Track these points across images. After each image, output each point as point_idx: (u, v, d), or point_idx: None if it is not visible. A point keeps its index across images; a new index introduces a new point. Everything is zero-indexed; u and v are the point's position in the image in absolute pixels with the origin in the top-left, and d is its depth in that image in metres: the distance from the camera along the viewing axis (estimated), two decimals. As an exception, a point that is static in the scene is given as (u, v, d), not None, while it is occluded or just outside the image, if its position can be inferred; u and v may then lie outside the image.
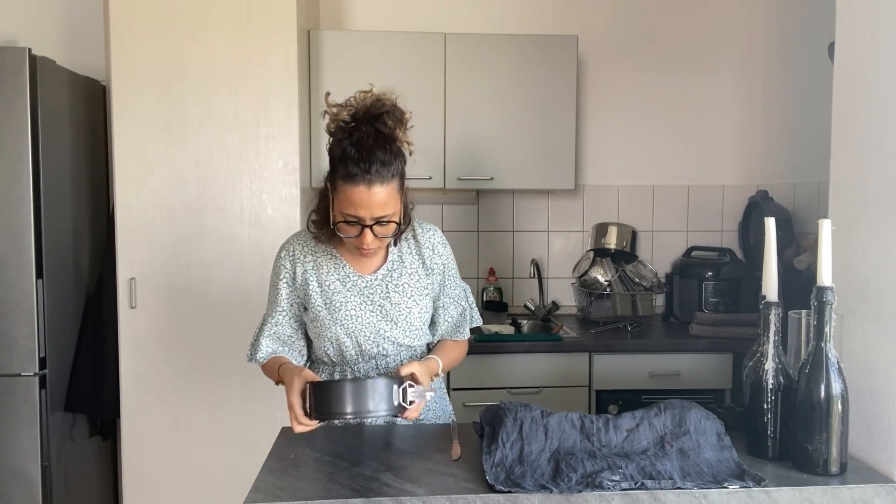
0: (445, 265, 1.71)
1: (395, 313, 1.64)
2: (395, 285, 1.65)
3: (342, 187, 1.47)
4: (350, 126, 1.49)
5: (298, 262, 1.64)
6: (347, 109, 1.50)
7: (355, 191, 1.46)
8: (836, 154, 1.54)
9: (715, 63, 3.37)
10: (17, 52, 2.41)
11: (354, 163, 1.45)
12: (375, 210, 1.48)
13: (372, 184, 1.46)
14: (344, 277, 1.64)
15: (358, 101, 1.51)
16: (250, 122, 2.64)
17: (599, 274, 3.09)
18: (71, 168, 2.73)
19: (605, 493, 1.24)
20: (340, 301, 1.62)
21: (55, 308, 2.59)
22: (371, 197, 1.46)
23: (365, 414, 1.37)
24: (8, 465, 2.47)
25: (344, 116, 1.49)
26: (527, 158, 3.00)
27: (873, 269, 1.41)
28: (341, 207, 1.50)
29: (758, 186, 3.30)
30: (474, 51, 2.94)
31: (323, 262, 1.65)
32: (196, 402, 2.68)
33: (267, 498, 1.24)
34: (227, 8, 2.59)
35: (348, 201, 1.48)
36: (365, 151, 1.45)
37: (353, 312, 1.62)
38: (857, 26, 1.49)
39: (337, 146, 1.49)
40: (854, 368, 1.43)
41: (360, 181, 1.45)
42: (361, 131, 1.47)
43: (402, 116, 1.54)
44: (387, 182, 1.48)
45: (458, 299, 1.74)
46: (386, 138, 1.49)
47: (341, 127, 1.50)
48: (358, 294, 1.63)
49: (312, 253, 1.65)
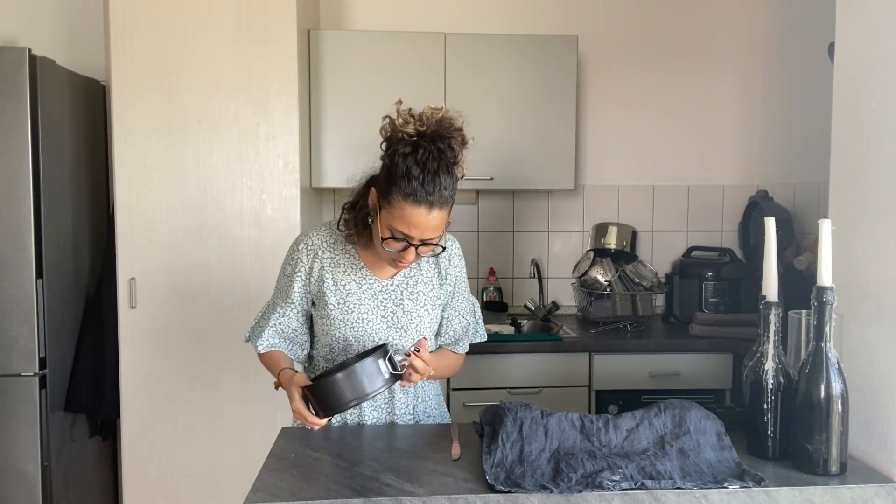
0: (458, 277, 1.71)
1: (405, 321, 1.63)
2: (411, 293, 1.64)
3: (401, 204, 1.43)
4: (413, 140, 1.44)
5: (316, 259, 1.63)
6: (416, 123, 1.45)
7: (416, 212, 1.43)
8: (836, 154, 1.54)
9: (715, 63, 3.37)
10: (17, 52, 2.41)
11: (420, 184, 1.41)
12: (428, 232, 1.47)
13: (432, 207, 1.43)
14: (360, 279, 1.63)
15: (427, 116, 1.46)
16: (250, 122, 2.64)
17: (599, 274, 3.08)
18: (71, 168, 2.73)
19: (605, 493, 1.24)
20: (354, 303, 1.61)
21: (55, 308, 2.59)
22: (429, 220, 1.45)
23: (365, 397, 1.40)
24: (8, 465, 2.47)
25: (409, 130, 1.44)
26: (527, 158, 3.00)
27: (873, 269, 1.41)
28: (393, 223, 1.46)
29: (758, 186, 3.30)
30: (474, 51, 2.94)
31: (341, 261, 1.63)
32: (196, 402, 2.68)
33: (267, 498, 1.24)
34: (227, 8, 2.59)
35: (404, 220, 1.45)
36: (430, 174, 1.42)
37: (365, 316, 1.61)
38: (857, 26, 1.49)
39: (401, 160, 1.43)
40: (854, 368, 1.43)
41: (422, 203, 1.42)
42: (427, 150, 1.43)
43: (466, 141, 1.49)
44: (444, 207, 1.46)
45: (464, 313, 1.73)
46: (449, 162, 1.45)
47: (403, 139, 1.44)
48: (372, 298, 1.62)
49: (331, 250, 1.64)
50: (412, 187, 1.41)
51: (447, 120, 1.47)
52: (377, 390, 1.40)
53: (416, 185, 1.41)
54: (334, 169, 2.93)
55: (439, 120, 1.46)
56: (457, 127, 1.48)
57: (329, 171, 2.93)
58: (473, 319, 1.77)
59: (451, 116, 1.48)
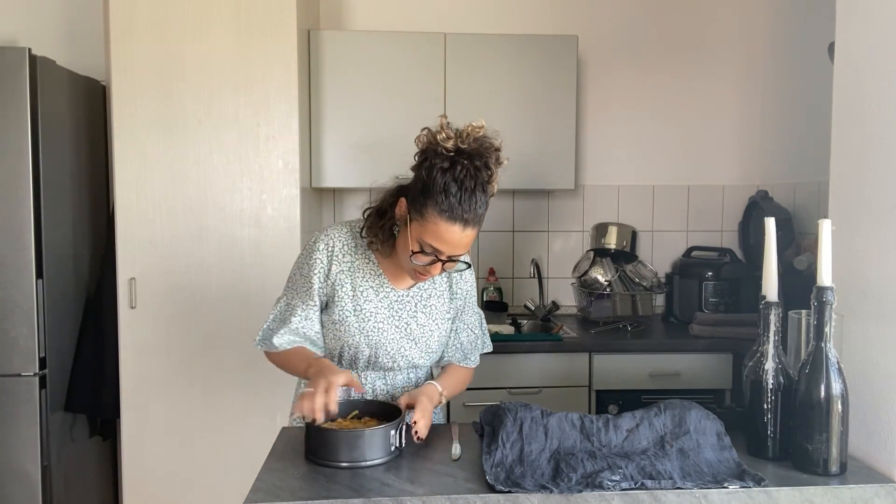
0: (469, 291, 1.70)
1: (418, 333, 1.63)
2: (424, 305, 1.64)
3: (435, 219, 1.42)
4: (451, 156, 1.42)
5: (335, 261, 1.60)
6: (456, 140, 1.43)
7: (450, 228, 1.42)
8: (836, 154, 1.54)
9: (715, 63, 3.37)
10: (17, 52, 2.41)
11: (458, 201, 1.40)
12: (459, 249, 1.46)
13: (467, 225, 1.43)
14: (378, 287, 1.61)
15: (468, 133, 1.44)
16: (250, 122, 2.63)
17: (599, 274, 3.08)
18: (71, 168, 2.73)
19: (605, 493, 1.24)
20: (371, 311, 1.59)
21: (55, 308, 2.59)
22: (462, 237, 1.44)
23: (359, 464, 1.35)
24: (8, 465, 2.47)
25: (448, 145, 1.42)
26: (527, 158, 2.99)
27: (873, 269, 1.41)
28: (425, 237, 1.45)
29: (758, 186, 3.29)
30: (474, 51, 2.94)
31: (360, 267, 1.61)
32: (196, 402, 2.68)
33: (267, 498, 1.23)
34: (227, 8, 2.59)
35: (437, 235, 1.43)
36: (468, 193, 1.41)
37: (381, 325, 1.60)
38: (857, 26, 1.49)
39: (439, 175, 1.41)
40: (854, 368, 1.43)
41: (457, 220, 1.42)
42: (464, 167, 1.41)
43: (501, 161, 1.48)
44: (477, 225, 1.46)
45: (472, 326, 1.73)
46: (484, 180, 1.44)
47: (441, 153, 1.42)
48: (388, 307, 1.61)
49: (351, 254, 1.61)
50: (449, 203, 1.40)
51: (487, 139, 1.45)
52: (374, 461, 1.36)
53: (453, 201, 1.40)
54: (334, 169, 2.93)
55: (479, 138, 1.44)
56: (495, 146, 1.46)
57: (329, 171, 2.93)
58: (480, 332, 1.77)
59: (490, 135, 1.47)
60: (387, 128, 2.93)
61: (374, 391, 1.67)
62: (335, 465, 1.35)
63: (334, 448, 1.36)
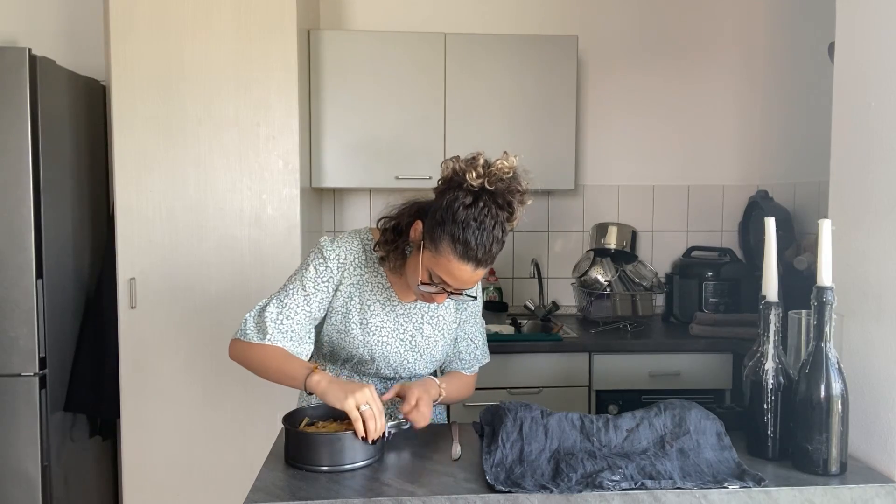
0: (475, 303, 1.69)
1: (423, 345, 1.62)
2: (431, 317, 1.63)
3: (448, 255, 1.39)
4: (475, 192, 1.38)
5: (347, 275, 1.57)
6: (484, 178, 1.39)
7: (462, 267, 1.39)
8: (836, 154, 1.54)
9: (715, 63, 3.37)
10: (17, 52, 2.41)
11: (474, 241, 1.37)
12: (468, 285, 1.44)
13: (479, 266, 1.40)
14: (385, 301, 1.59)
15: (497, 171, 1.40)
16: (250, 122, 2.63)
17: (599, 274, 3.08)
18: (71, 168, 2.73)
19: (605, 493, 1.24)
20: (377, 325, 1.58)
21: (55, 308, 2.59)
22: (473, 276, 1.42)
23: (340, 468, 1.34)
24: (8, 465, 2.47)
25: (473, 179, 1.38)
26: (527, 158, 2.95)
27: (873, 269, 1.41)
28: (435, 268, 1.42)
29: (758, 186, 3.29)
30: (474, 51, 2.94)
31: (369, 280, 1.59)
32: (196, 401, 2.68)
33: (267, 498, 1.23)
34: (227, 8, 2.59)
35: (448, 271, 1.41)
36: (486, 233, 1.37)
37: (385, 339, 1.59)
38: (857, 26, 1.49)
39: (461, 210, 1.37)
40: (854, 368, 1.43)
41: (470, 260, 1.39)
42: (486, 206, 1.38)
43: (525, 201, 1.45)
44: (490, 264, 1.43)
45: (473, 336, 1.72)
46: (504, 220, 1.41)
47: (466, 188, 1.39)
48: (394, 320, 1.60)
49: (361, 267, 1.58)
50: (465, 241, 1.37)
51: (515, 179, 1.42)
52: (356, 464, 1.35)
53: (470, 240, 1.37)
54: (334, 169, 2.93)
55: (507, 179, 1.41)
56: (522, 189, 1.44)
57: (329, 171, 2.93)
58: (481, 342, 1.75)
59: (519, 174, 1.44)
60: (387, 128, 2.93)
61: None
62: (315, 470, 1.33)
63: (315, 452, 1.34)
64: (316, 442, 1.36)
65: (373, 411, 1.34)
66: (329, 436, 1.36)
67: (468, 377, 1.74)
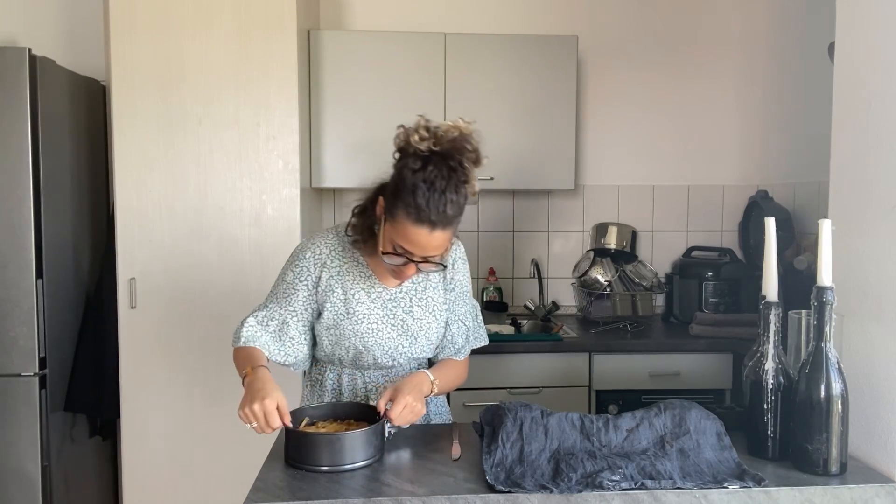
0: (461, 281, 1.69)
1: (416, 328, 1.62)
2: (420, 299, 1.63)
3: (403, 221, 1.41)
4: (424, 156, 1.41)
5: (325, 268, 1.59)
6: (430, 141, 1.41)
7: (418, 231, 1.41)
8: (836, 154, 1.54)
9: (715, 63, 3.37)
10: (17, 52, 2.41)
11: (425, 202, 1.38)
12: (429, 251, 1.44)
13: (435, 227, 1.41)
14: (369, 288, 1.60)
15: (443, 133, 1.42)
16: (250, 122, 2.63)
17: (599, 274, 3.08)
18: (71, 168, 2.73)
19: (605, 493, 1.24)
20: (364, 312, 1.59)
21: (55, 308, 2.59)
22: (430, 240, 1.42)
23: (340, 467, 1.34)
24: (8, 465, 2.47)
25: (423, 146, 1.41)
26: (527, 158, 3.00)
27: (873, 269, 1.41)
28: (395, 238, 1.44)
29: (758, 186, 3.29)
30: (474, 51, 2.94)
31: (349, 270, 1.60)
32: (196, 402, 2.68)
33: (267, 498, 1.24)
34: (227, 8, 2.59)
35: (406, 237, 1.42)
36: (437, 194, 1.38)
37: (375, 326, 1.59)
38: (857, 26, 1.49)
39: (409, 175, 1.40)
40: (854, 368, 1.43)
41: (424, 223, 1.40)
42: (436, 168, 1.40)
43: (479, 159, 1.46)
44: (448, 227, 1.43)
45: (464, 318, 1.71)
46: (458, 181, 1.42)
47: (415, 154, 1.41)
48: (382, 307, 1.60)
49: (340, 258, 1.61)
50: (416, 205, 1.38)
51: (463, 138, 1.43)
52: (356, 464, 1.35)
53: (420, 203, 1.38)
54: (334, 169, 2.93)
55: (454, 138, 1.43)
56: (471, 147, 1.44)
57: (329, 171, 2.93)
58: (475, 324, 1.74)
59: (467, 134, 1.45)
60: (387, 128, 2.86)
61: (378, 389, 1.66)
62: (315, 470, 1.33)
63: (315, 452, 1.34)
64: (316, 442, 1.36)
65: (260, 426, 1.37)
66: (329, 436, 1.36)
67: (460, 363, 1.72)
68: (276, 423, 1.36)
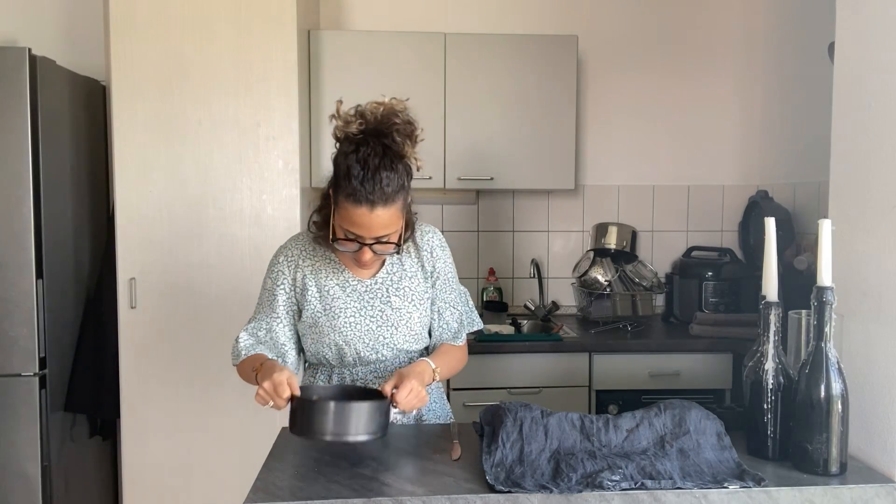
0: (443, 269, 1.68)
1: (396, 318, 1.62)
2: (397, 289, 1.63)
3: (344, 204, 1.44)
4: (358, 139, 1.44)
5: (298, 268, 1.62)
6: (358, 123, 1.44)
7: (357, 212, 1.43)
8: (836, 154, 1.54)
9: (715, 63, 3.37)
10: (17, 52, 2.41)
11: (359, 182, 1.41)
12: (376, 230, 1.46)
13: (374, 206, 1.42)
14: (343, 283, 1.61)
15: (370, 113, 1.45)
16: (250, 122, 2.63)
17: (599, 274, 3.09)
18: (71, 168, 2.73)
19: (605, 493, 1.24)
20: (340, 307, 1.60)
21: (55, 308, 2.59)
22: (372, 219, 1.43)
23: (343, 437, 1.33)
24: (8, 465, 2.47)
25: (353, 129, 1.44)
26: (527, 158, 3.00)
27: (873, 269, 1.41)
28: (342, 223, 1.47)
29: (758, 186, 3.29)
30: (474, 51, 2.94)
31: (322, 267, 1.62)
32: (196, 401, 2.68)
33: (267, 498, 1.24)
34: (227, 8, 2.59)
35: (349, 219, 1.45)
36: (370, 171, 1.41)
37: (352, 319, 1.60)
38: (857, 26, 1.49)
39: (343, 160, 1.44)
40: (854, 368, 1.43)
41: (362, 202, 1.42)
42: (369, 147, 1.42)
43: (413, 132, 1.47)
44: (390, 203, 1.44)
45: (455, 304, 1.71)
46: (393, 156, 1.44)
47: (349, 138, 1.45)
48: (358, 300, 1.61)
49: (311, 258, 1.63)
50: (352, 187, 1.41)
51: (389, 113, 1.45)
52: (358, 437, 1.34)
53: (355, 183, 1.41)
54: (334, 169, 2.93)
55: (381, 114, 1.45)
56: (400, 120, 1.46)
57: (329, 171, 2.92)
58: (467, 308, 1.75)
59: (394, 109, 1.46)
60: (387, 128, 2.92)
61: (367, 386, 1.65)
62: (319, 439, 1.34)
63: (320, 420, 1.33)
64: (321, 409, 1.34)
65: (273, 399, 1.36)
66: (336, 404, 1.34)
67: (458, 348, 1.73)
68: (286, 392, 1.35)
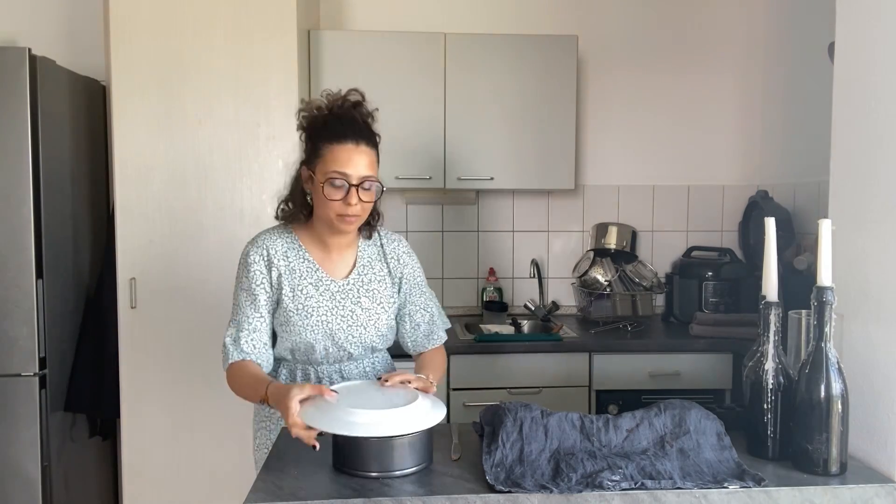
0: (411, 274, 1.74)
1: (364, 318, 1.66)
2: (367, 290, 1.67)
3: (328, 148, 1.54)
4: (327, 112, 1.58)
5: (273, 267, 1.64)
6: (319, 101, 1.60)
7: (344, 148, 1.54)
8: (836, 154, 1.54)
9: (715, 63, 3.37)
10: (17, 52, 2.41)
11: (340, 125, 1.55)
12: (362, 169, 1.54)
13: (359, 142, 1.55)
14: (317, 282, 1.64)
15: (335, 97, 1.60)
16: (250, 122, 2.63)
17: (599, 274, 3.08)
18: (71, 168, 2.73)
19: (605, 493, 1.24)
20: (313, 306, 1.62)
21: (55, 308, 2.59)
22: (359, 154, 1.54)
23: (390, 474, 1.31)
24: (8, 465, 2.47)
25: (318, 104, 1.59)
26: (527, 158, 3.00)
27: (873, 269, 1.41)
28: (328, 168, 1.54)
29: (758, 186, 3.29)
30: (474, 51, 2.94)
31: (296, 266, 1.65)
32: (196, 402, 2.67)
33: (267, 498, 1.24)
34: (227, 8, 2.59)
35: (336, 160, 1.53)
36: (349, 117, 1.57)
37: (325, 318, 1.63)
38: (857, 26, 1.49)
39: (320, 120, 1.58)
40: (854, 368, 1.43)
41: (349, 138, 1.54)
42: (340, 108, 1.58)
43: (371, 112, 1.62)
44: (370, 146, 1.58)
45: (427, 307, 1.76)
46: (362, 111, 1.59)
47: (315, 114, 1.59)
48: (330, 299, 1.64)
49: (285, 256, 1.65)
50: (335, 130, 1.55)
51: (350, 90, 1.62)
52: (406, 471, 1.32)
53: (337, 126, 1.55)
54: (334, 169, 2.93)
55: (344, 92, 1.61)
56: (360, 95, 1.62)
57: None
58: (436, 309, 1.80)
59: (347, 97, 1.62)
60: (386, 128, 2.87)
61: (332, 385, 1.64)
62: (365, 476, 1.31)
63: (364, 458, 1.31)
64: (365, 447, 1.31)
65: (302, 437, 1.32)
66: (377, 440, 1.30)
67: (438, 351, 1.78)
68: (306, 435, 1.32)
